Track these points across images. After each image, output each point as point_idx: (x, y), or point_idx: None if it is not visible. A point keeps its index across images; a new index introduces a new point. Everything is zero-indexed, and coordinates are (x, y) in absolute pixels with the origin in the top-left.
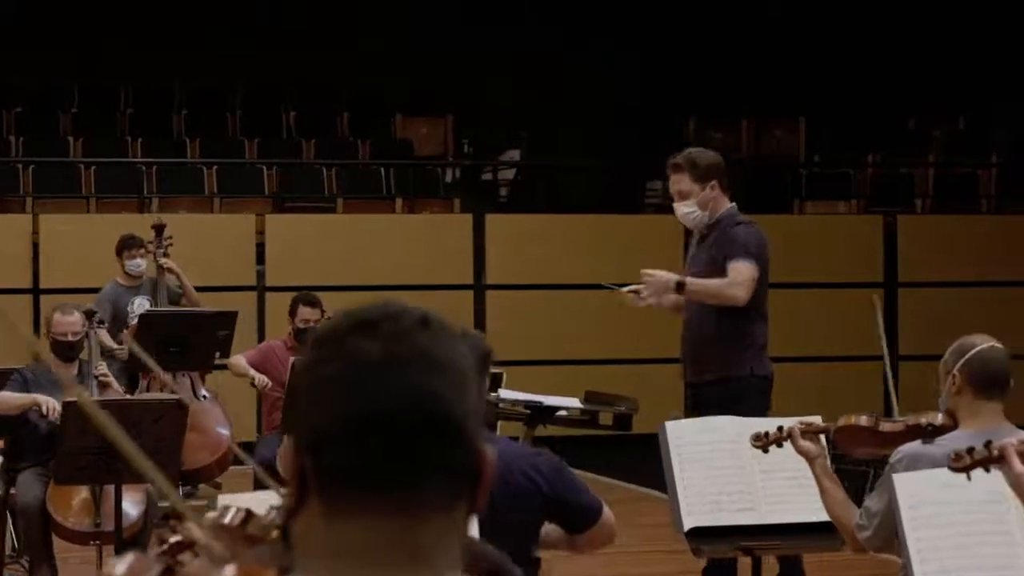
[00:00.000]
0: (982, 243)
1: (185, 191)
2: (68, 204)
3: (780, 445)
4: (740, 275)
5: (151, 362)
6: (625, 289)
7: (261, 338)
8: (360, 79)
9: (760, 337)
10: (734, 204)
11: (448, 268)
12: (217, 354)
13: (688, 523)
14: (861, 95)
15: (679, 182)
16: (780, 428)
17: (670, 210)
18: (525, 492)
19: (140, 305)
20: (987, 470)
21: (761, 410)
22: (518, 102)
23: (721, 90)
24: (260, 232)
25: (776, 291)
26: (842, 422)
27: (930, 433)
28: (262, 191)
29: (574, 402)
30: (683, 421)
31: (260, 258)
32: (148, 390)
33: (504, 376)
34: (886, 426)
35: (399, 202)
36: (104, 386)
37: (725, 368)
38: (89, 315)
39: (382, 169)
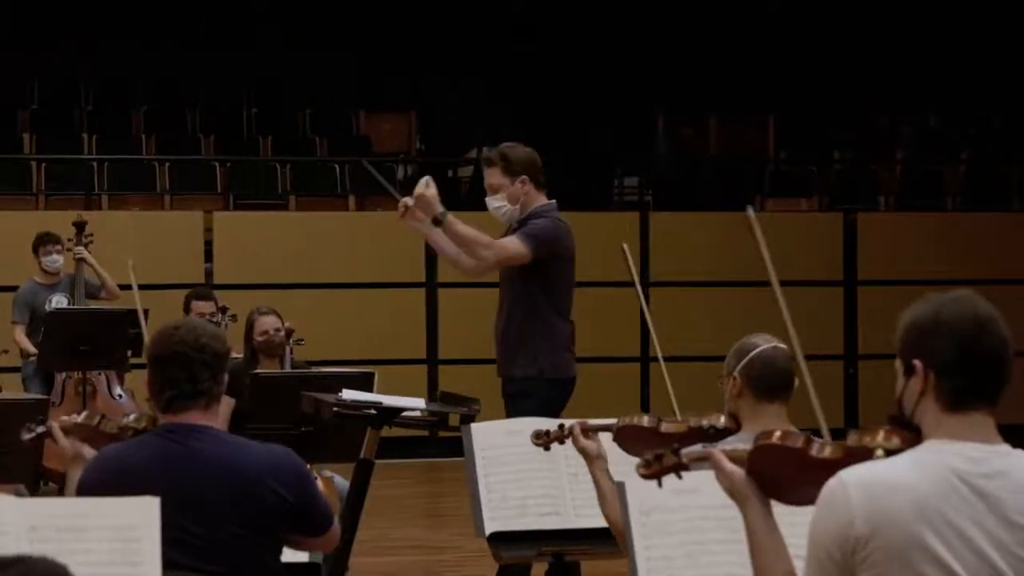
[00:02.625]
0: (945, 241)
1: (137, 188)
2: (17, 201)
3: (561, 443)
4: (503, 244)
5: None
6: (403, 200)
7: None
8: (320, 75)
9: (556, 338)
10: (551, 201)
11: (400, 266)
12: (129, 352)
13: (490, 527)
14: (830, 93)
15: (491, 176)
16: (561, 426)
17: (642, 207)
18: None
19: (59, 302)
20: (679, 476)
21: (548, 412)
22: (483, 98)
23: (690, 87)
24: (209, 230)
25: (738, 289)
26: (623, 422)
27: (712, 436)
28: (215, 188)
29: (419, 403)
30: (489, 422)
31: (208, 256)
32: (64, 390)
33: (376, 376)
34: (667, 427)
35: (352, 200)
36: None
37: (512, 366)
38: None
39: (336, 167)
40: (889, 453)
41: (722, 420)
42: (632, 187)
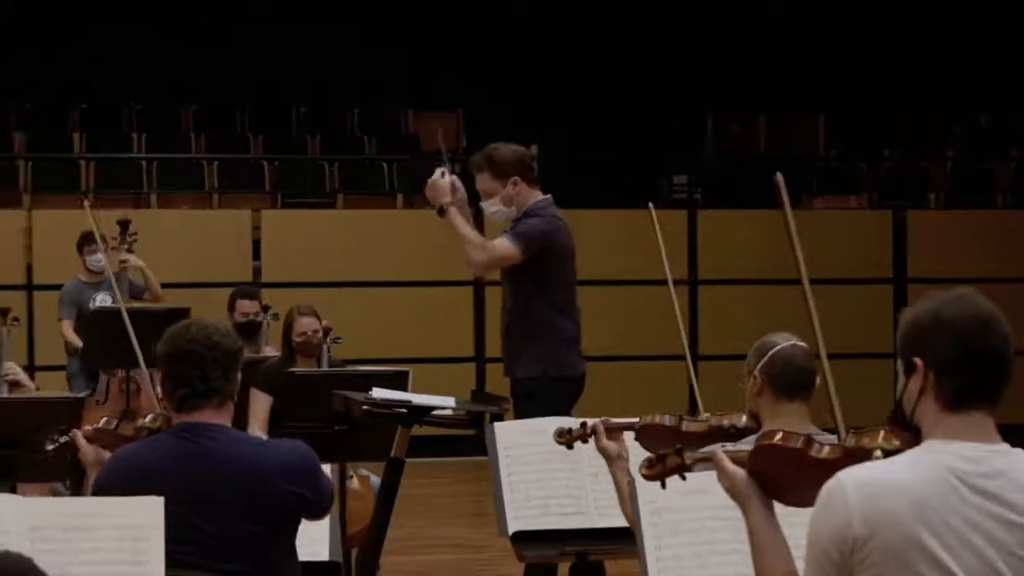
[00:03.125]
0: (996, 238)
1: (185, 187)
2: (66, 200)
3: (584, 441)
4: (495, 246)
5: None
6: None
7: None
8: (370, 75)
9: (558, 336)
10: (546, 197)
11: (448, 264)
12: None
13: (513, 527)
14: (881, 90)
15: (481, 181)
16: (584, 424)
17: (692, 205)
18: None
19: (102, 301)
20: (682, 477)
21: (555, 411)
22: (536, 97)
23: (740, 85)
24: (257, 228)
25: (787, 287)
26: (645, 420)
27: (733, 435)
28: (263, 187)
29: (449, 401)
30: (512, 422)
31: (256, 254)
32: (108, 388)
33: (410, 374)
34: (688, 426)
35: (400, 198)
36: (14, 385)
37: (516, 367)
38: (4, 313)
39: (384, 165)
40: (888, 454)
41: (743, 420)
42: (681, 185)
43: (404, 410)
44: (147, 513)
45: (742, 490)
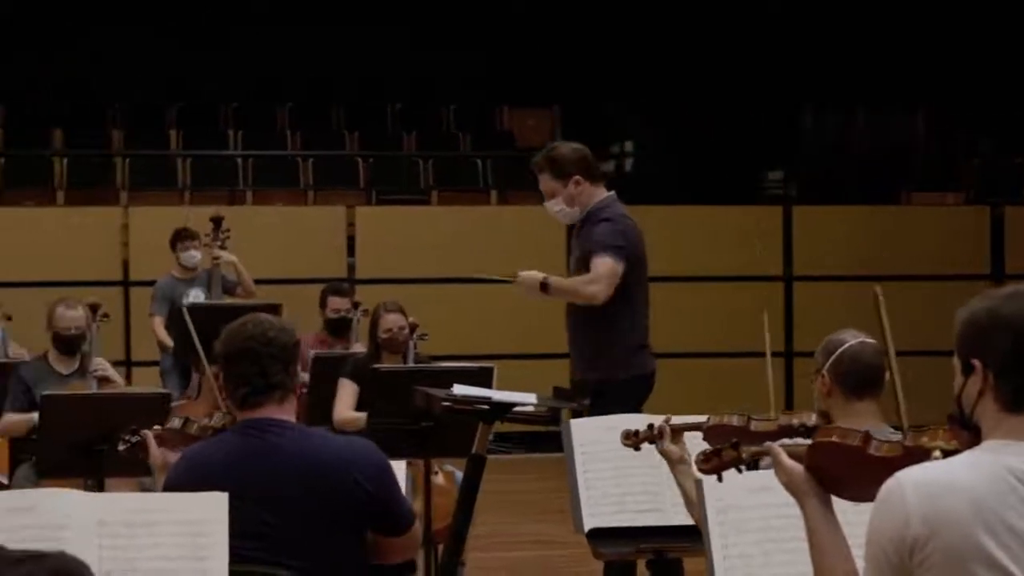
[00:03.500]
0: None
1: (281, 184)
2: (162, 196)
3: (652, 443)
4: (598, 272)
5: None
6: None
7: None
8: (466, 72)
9: (629, 336)
10: (610, 194)
11: (543, 260)
12: None
13: (589, 524)
14: (978, 85)
15: (543, 182)
16: (651, 426)
17: (787, 201)
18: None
19: (195, 297)
20: (739, 470)
21: (627, 411)
22: (631, 94)
23: (838, 79)
24: (351, 224)
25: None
26: (713, 421)
27: (802, 434)
28: (358, 184)
29: (530, 398)
30: (588, 419)
31: (351, 250)
32: (201, 384)
33: (495, 371)
34: (757, 426)
35: (494, 194)
36: (103, 380)
37: (587, 369)
38: (94, 309)
39: (479, 161)
40: (947, 454)
41: (813, 418)
42: (776, 181)
43: (485, 407)
44: (210, 508)
45: (799, 485)
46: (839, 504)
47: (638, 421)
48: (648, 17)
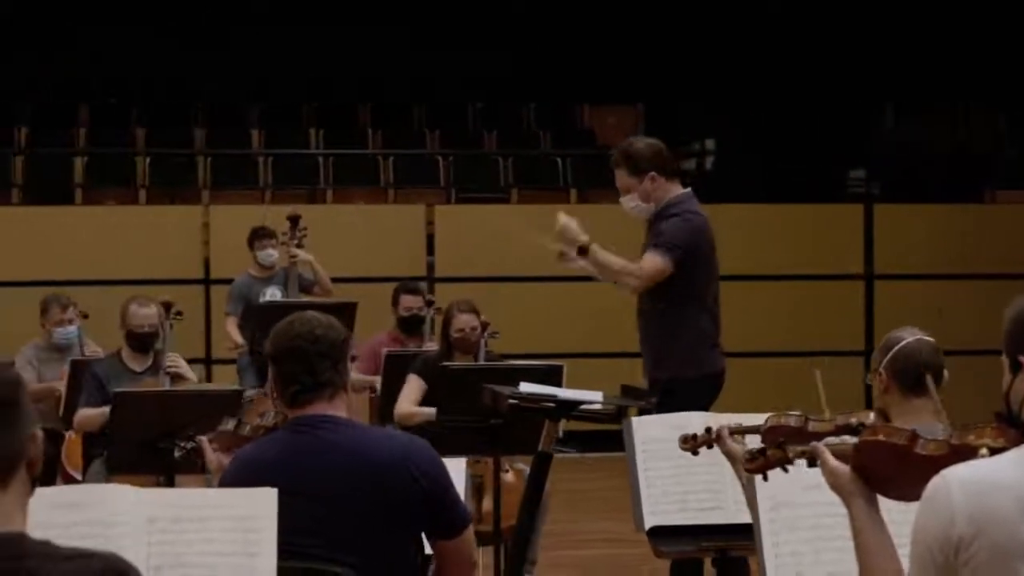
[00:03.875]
0: None
1: (361, 182)
2: (243, 195)
3: (710, 447)
4: (644, 266)
5: None
6: (551, 246)
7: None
8: (547, 70)
9: (699, 335)
10: (686, 191)
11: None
12: None
13: (650, 522)
14: None
15: (619, 178)
16: (708, 429)
17: (869, 199)
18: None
19: (272, 295)
20: (784, 469)
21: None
22: (712, 92)
23: (921, 77)
24: (431, 223)
25: (963, 282)
26: (771, 422)
27: (859, 433)
28: (438, 182)
29: (597, 396)
30: (650, 416)
31: (430, 249)
32: None
33: (564, 369)
34: (814, 425)
35: (573, 192)
36: (176, 377)
37: (656, 368)
38: (167, 307)
39: (558, 159)
40: (994, 452)
41: (871, 417)
42: (858, 179)
43: (551, 404)
44: (259, 504)
45: (845, 485)
46: (885, 503)
47: (700, 420)
48: (731, 15)
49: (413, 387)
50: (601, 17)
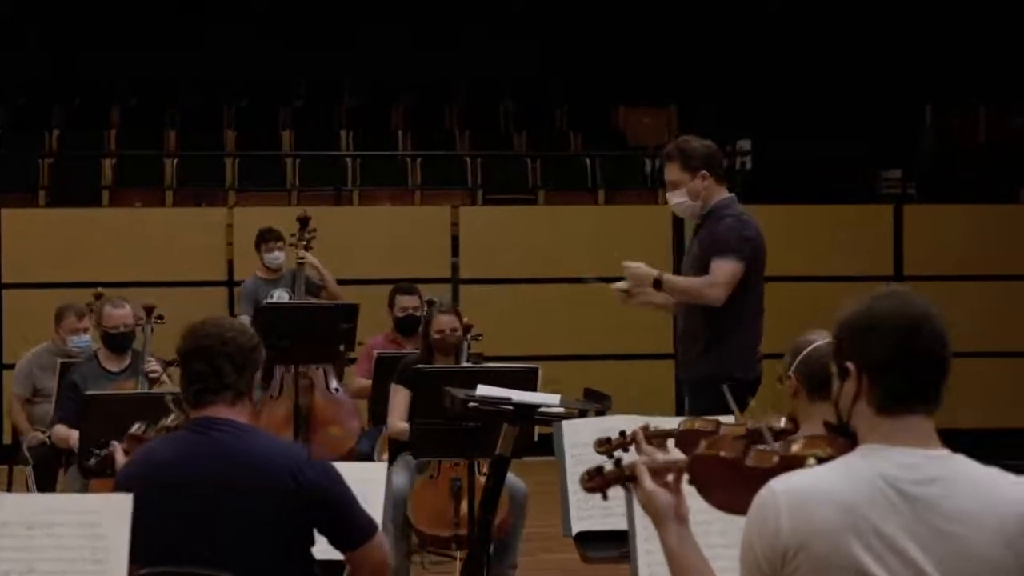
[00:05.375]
0: None
1: (389, 183)
2: (269, 197)
3: (625, 450)
4: (719, 274)
5: None
6: (615, 286)
7: None
8: (581, 71)
9: (745, 336)
10: (731, 195)
11: (649, 259)
12: (342, 347)
13: (576, 527)
14: None
15: (670, 172)
16: (623, 433)
17: (904, 200)
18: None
19: (279, 297)
20: (626, 489)
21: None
22: (746, 92)
23: (959, 77)
24: (455, 224)
25: (995, 283)
26: (684, 426)
27: (771, 438)
28: (465, 183)
29: (554, 399)
30: (580, 420)
31: (455, 250)
32: (282, 382)
33: (539, 372)
34: (725, 431)
35: (601, 193)
36: (154, 381)
37: (695, 367)
38: (148, 311)
39: (587, 160)
40: (821, 461)
41: (782, 422)
42: (894, 180)
43: (508, 407)
44: (111, 510)
45: (657, 508)
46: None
47: (626, 424)
48: (766, 16)
49: (400, 399)
50: (636, 18)
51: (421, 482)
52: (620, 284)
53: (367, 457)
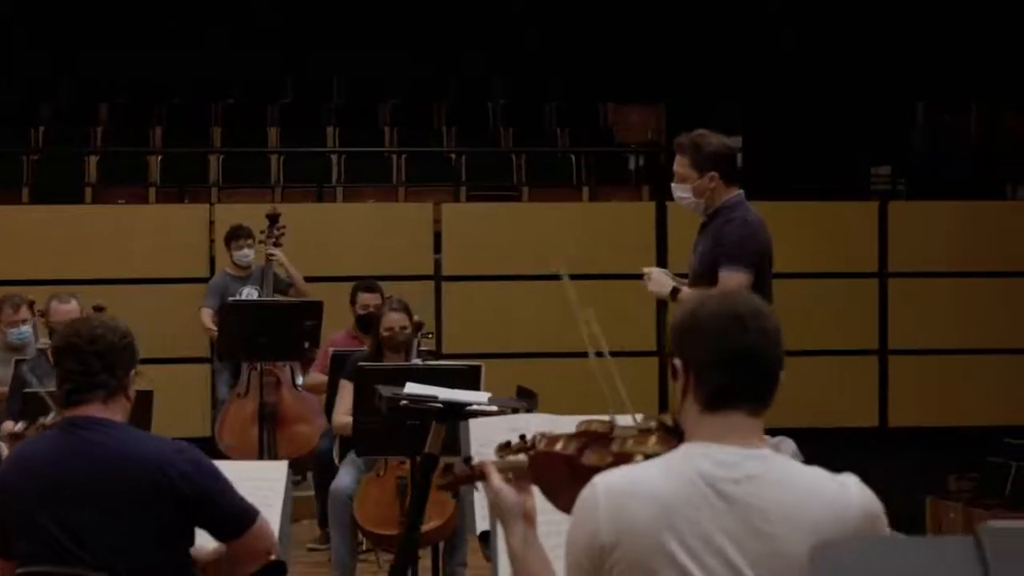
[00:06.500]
0: None
1: (373, 180)
2: (253, 194)
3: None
4: (730, 283)
5: None
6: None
7: (439, 327)
8: (571, 68)
9: None
10: (739, 192)
11: (634, 256)
12: (307, 344)
13: (480, 526)
14: None
15: (679, 164)
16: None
17: (892, 196)
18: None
19: (248, 295)
20: (475, 487)
21: None
22: (736, 89)
23: (952, 75)
24: (438, 221)
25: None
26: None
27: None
28: (450, 180)
29: (482, 397)
30: (491, 419)
31: (437, 247)
32: (249, 380)
33: (483, 370)
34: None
35: (585, 191)
36: None
37: None
38: (98, 310)
39: (572, 157)
40: (649, 458)
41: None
42: (883, 176)
43: (437, 405)
44: None
45: (505, 506)
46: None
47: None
48: (756, 14)
49: (347, 393)
50: (626, 15)
51: (367, 480)
52: (646, 269)
53: (326, 454)
